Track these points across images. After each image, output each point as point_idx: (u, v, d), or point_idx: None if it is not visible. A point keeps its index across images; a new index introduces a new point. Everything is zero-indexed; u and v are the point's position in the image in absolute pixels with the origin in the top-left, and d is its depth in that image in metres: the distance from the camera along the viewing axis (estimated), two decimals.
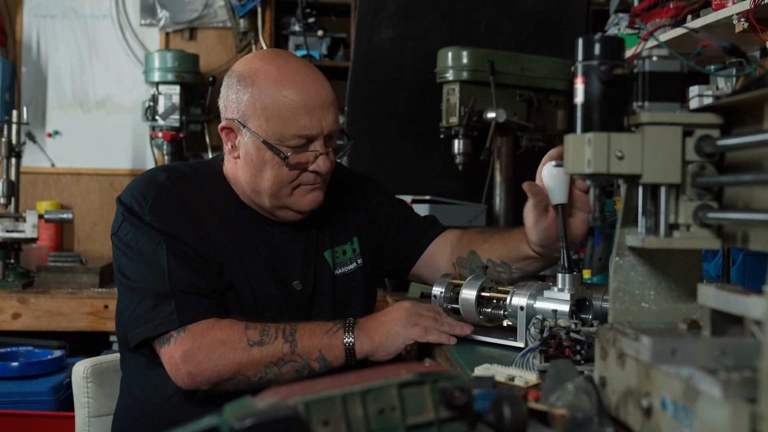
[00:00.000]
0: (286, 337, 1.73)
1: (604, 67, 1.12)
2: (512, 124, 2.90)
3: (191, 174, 1.95)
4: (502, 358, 1.62)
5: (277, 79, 1.83)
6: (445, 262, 2.12)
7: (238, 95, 1.86)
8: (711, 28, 2.25)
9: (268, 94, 1.82)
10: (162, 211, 1.82)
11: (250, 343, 1.72)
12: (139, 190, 1.86)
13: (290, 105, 1.81)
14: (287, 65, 1.86)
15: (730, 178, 1.08)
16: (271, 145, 1.83)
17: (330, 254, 2.00)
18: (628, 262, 1.22)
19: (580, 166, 1.12)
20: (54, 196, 4.54)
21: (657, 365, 0.97)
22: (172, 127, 4.06)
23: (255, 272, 1.88)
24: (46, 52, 4.52)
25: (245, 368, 1.71)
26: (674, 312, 1.22)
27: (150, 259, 1.78)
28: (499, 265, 1.99)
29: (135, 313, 1.77)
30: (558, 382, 1.10)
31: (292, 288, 1.92)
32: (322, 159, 1.86)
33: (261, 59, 1.88)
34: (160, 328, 1.73)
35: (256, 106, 1.83)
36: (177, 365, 1.72)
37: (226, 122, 1.89)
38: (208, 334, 1.72)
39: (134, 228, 1.82)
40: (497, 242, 2.01)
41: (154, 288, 1.76)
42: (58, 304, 3.46)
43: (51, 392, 2.95)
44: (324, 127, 1.84)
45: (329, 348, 1.74)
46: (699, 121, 1.11)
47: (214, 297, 1.79)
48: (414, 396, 0.89)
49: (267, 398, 0.87)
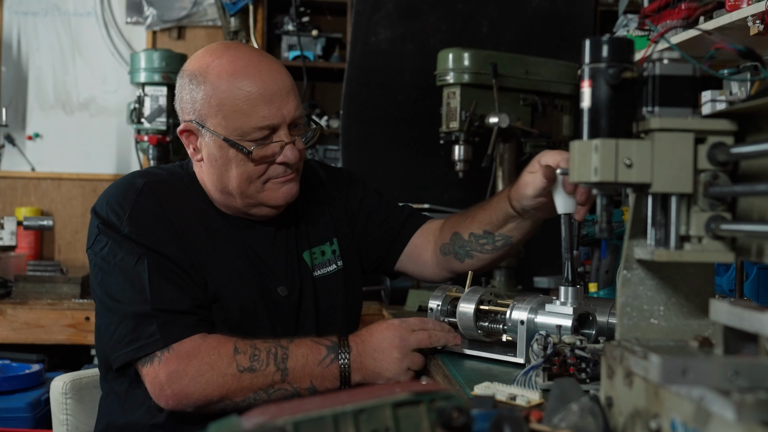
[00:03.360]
0: (278, 365, 1.73)
1: (612, 70, 1.12)
2: (515, 130, 2.89)
3: (168, 178, 1.94)
4: (503, 375, 1.61)
5: (229, 72, 1.82)
6: (430, 255, 2.15)
7: (192, 95, 1.86)
8: (724, 30, 2.25)
9: (222, 89, 1.82)
10: (141, 222, 1.81)
11: (240, 369, 1.71)
12: (116, 198, 1.85)
13: (247, 96, 1.81)
14: (239, 56, 1.85)
15: (745, 187, 1.08)
16: (233, 141, 1.83)
17: (308, 255, 2.01)
18: (637, 275, 1.21)
19: (587, 174, 1.12)
20: (34, 202, 4.52)
21: (667, 385, 0.96)
22: (158, 131, 4.04)
23: (240, 280, 1.88)
24: (27, 51, 4.52)
25: (234, 394, 1.71)
26: (685, 329, 1.21)
27: (130, 275, 1.77)
28: (482, 236, 2.02)
29: (116, 334, 1.76)
30: (562, 402, 1.09)
31: (277, 294, 1.92)
32: (289, 148, 1.85)
33: (211, 54, 1.88)
34: (143, 349, 1.73)
35: (211, 104, 1.83)
36: (161, 386, 1.71)
37: (184, 125, 1.89)
38: (195, 355, 1.71)
39: (111, 241, 1.80)
40: (478, 212, 2.05)
41: (134, 307, 1.75)
42: (37, 315, 3.44)
43: (28, 408, 2.94)
44: (285, 114, 1.84)
45: (321, 380, 1.75)
46: (712, 128, 1.10)
47: (197, 313, 1.78)
48: (409, 416, 0.89)
49: (254, 418, 0.86)
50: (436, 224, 2.17)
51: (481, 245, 2.03)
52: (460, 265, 2.10)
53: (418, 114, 3.44)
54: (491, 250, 2.03)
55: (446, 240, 2.10)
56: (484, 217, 2.02)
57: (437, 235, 2.14)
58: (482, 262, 2.08)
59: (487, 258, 2.06)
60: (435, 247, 2.13)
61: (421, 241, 2.16)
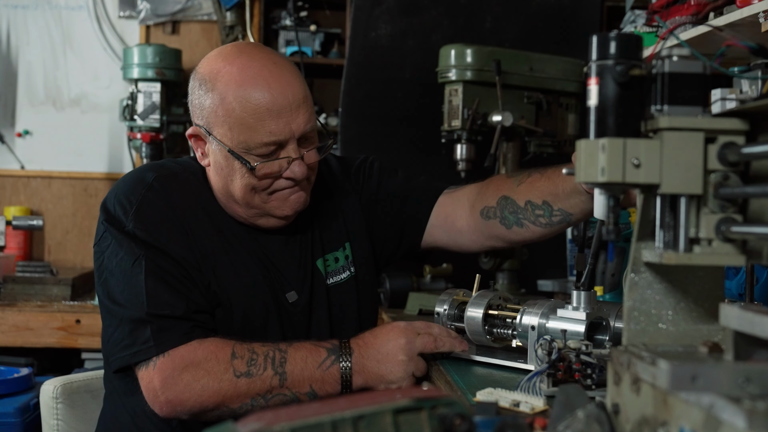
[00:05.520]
0: (276, 369, 1.72)
1: (620, 68, 1.11)
2: (519, 129, 2.89)
3: (181, 172, 1.93)
4: (507, 381, 1.61)
5: (238, 82, 1.80)
6: (465, 221, 2.06)
7: (201, 100, 1.85)
8: (735, 26, 2.25)
9: (229, 99, 1.80)
10: (147, 218, 1.81)
11: (236, 374, 1.71)
12: (124, 192, 1.85)
13: (254, 110, 1.78)
14: (250, 65, 1.82)
15: (756, 189, 1.08)
16: (237, 154, 1.81)
17: (321, 263, 1.99)
18: (644, 279, 1.21)
19: (593, 175, 1.12)
20: (23, 201, 4.52)
21: (675, 392, 0.96)
22: (151, 128, 4.05)
23: (248, 282, 1.87)
24: (17, 45, 4.52)
25: (230, 400, 1.71)
26: (694, 334, 1.21)
27: (128, 276, 1.77)
28: (540, 206, 1.92)
29: (113, 337, 1.78)
30: (567, 409, 1.09)
31: (284, 300, 1.91)
32: (297, 164, 1.83)
33: (223, 59, 1.86)
34: (138, 355, 1.74)
35: (218, 113, 1.81)
36: (155, 392, 1.71)
37: (193, 129, 1.88)
38: (191, 361, 1.71)
39: (114, 240, 1.81)
40: (537, 180, 1.94)
41: (130, 311, 1.76)
42: (26, 317, 3.44)
43: (17, 413, 2.93)
44: (294, 129, 1.82)
45: (321, 384, 1.73)
46: (722, 127, 1.10)
47: (194, 318, 1.78)
48: (410, 423, 0.89)
49: (250, 424, 0.86)
50: (471, 189, 2.08)
51: (536, 216, 1.93)
52: (506, 232, 1.99)
53: (419, 112, 3.44)
54: (545, 224, 1.93)
55: (491, 203, 2.00)
56: (547, 187, 1.91)
57: (475, 199, 2.05)
58: (532, 234, 1.97)
59: (538, 231, 1.96)
60: (472, 212, 2.04)
61: (452, 209, 2.08)
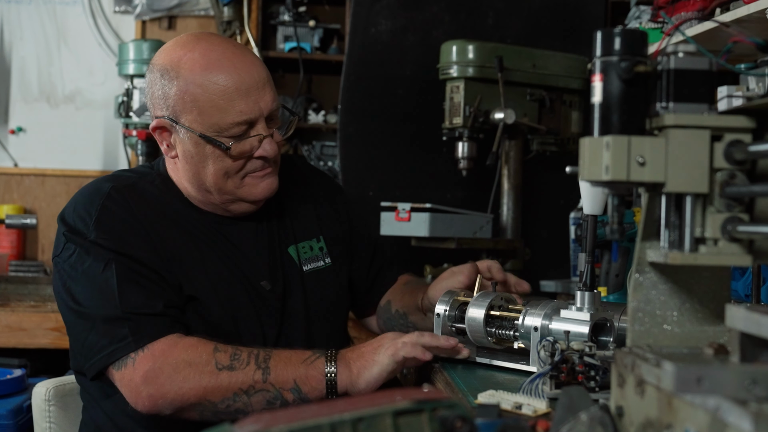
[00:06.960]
0: (259, 364, 1.72)
1: (624, 64, 1.12)
2: (522, 126, 2.89)
3: (138, 181, 1.95)
4: (508, 383, 1.61)
5: (203, 66, 1.84)
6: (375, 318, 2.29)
7: (164, 90, 1.87)
8: (742, 22, 2.25)
9: (196, 84, 1.83)
10: (108, 227, 1.82)
11: (218, 366, 1.71)
12: (82, 204, 1.86)
13: (222, 91, 1.83)
14: (211, 49, 1.87)
15: (763, 187, 1.08)
16: (210, 138, 1.85)
17: (294, 250, 2.04)
18: (649, 279, 1.21)
19: (597, 173, 1.12)
20: (16, 200, 4.52)
21: (680, 394, 0.96)
22: (147, 125, 4.02)
23: (220, 278, 1.89)
24: (10, 40, 4.52)
25: (212, 394, 1.70)
26: (699, 335, 1.21)
27: (98, 281, 1.78)
28: (401, 316, 2.15)
29: (87, 341, 1.77)
30: (570, 412, 1.09)
31: (260, 288, 1.93)
32: (268, 142, 1.88)
33: (182, 47, 1.89)
34: (116, 354, 1.73)
35: (185, 99, 1.84)
36: (137, 388, 1.71)
37: (157, 121, 1.90)
38: (172, 353, 1.72)
39: (79, 248, 1.81)
40: (407, 293, 2.18)
41: (104, 312, 1.76)
42: (19, 318, 3.44)
43: (9, 416, 2.93)
44: (263, 107, 1.87)
45: (305, 378, 1.72)
46: (729, 125, 1.10)
47: (170, 315, 1.79)
48: (410, 425, 0.89)
49: (247, 426, 0.86)
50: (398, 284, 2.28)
51: (400, 325, 2.14)
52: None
53: (419, 109, 3.44)
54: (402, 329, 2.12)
55: (382, 303, 2.23)
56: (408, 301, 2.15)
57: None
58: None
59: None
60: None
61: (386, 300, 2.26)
